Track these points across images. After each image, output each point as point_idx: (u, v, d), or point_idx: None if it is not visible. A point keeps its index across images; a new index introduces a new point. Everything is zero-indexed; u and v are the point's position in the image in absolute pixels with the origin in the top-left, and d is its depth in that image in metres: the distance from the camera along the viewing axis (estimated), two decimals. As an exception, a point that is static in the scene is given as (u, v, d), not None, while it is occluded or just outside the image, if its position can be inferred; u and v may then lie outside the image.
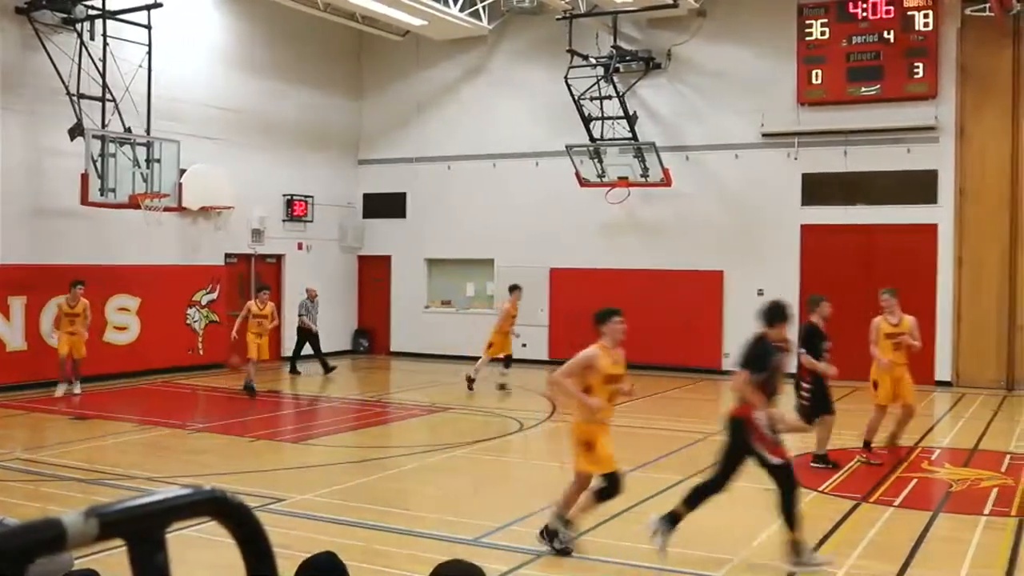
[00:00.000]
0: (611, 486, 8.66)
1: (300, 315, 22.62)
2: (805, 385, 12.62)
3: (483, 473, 12.70)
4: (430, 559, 4.64)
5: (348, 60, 27.12)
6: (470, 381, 19.61)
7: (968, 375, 21.04)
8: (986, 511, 10.44)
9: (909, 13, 21.26)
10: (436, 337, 26.05)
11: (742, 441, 8.58)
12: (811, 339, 12.68)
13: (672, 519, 8.57)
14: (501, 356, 19.90)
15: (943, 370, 21.18)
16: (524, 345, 24.75)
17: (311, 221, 25.68)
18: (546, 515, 8.99)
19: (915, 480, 11.94)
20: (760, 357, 8.66)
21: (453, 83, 26.33)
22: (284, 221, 25.07)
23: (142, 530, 1.34)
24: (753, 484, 11.73)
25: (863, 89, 21.61)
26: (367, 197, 27.41)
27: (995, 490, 11.36)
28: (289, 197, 25.05)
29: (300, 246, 25.60)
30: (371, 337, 27.17)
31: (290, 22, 24.28)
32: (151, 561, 1.33)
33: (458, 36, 24.82)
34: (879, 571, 8.29)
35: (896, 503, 10.70)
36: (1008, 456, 13.48)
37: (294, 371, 22.33)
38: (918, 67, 21.22)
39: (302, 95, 25.45)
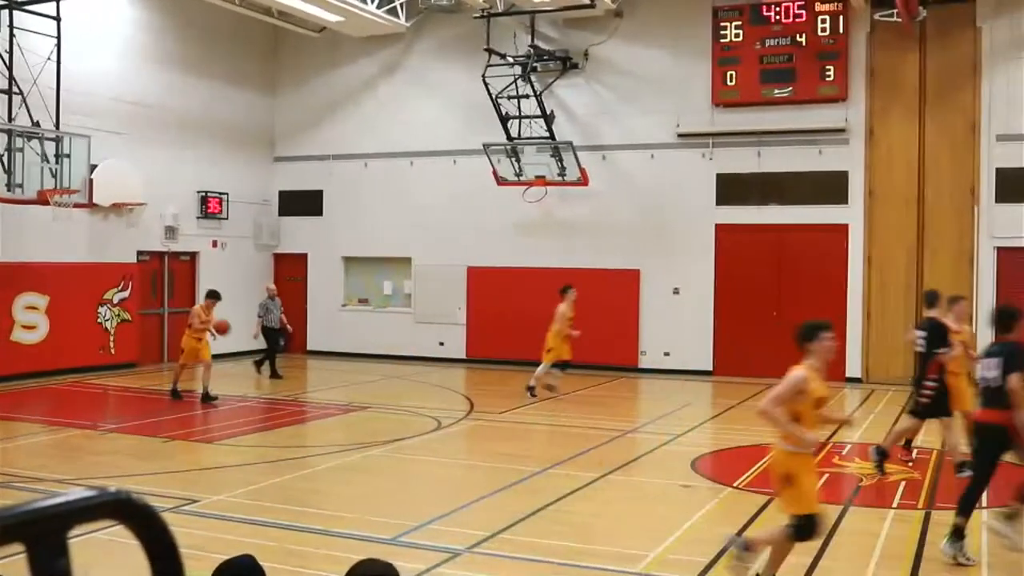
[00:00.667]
0: (807, 528, 7.47)
1: (259, 316, 21.43)
2: (930, 384, 12.05)
3: (401, 472, 12.65)
4: (347, 559, 4.60)
5: (264, 56, 26.82)
6: (531, 389, 18.54)
7: (877, 371, 21.51)
8: (894, 504, 10.69)
9: (821, 17, 21.66)
10: (353, 336, 25.91)
11: (1004, 446, 8.63)
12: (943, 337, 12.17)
13: (958, 534, 8.54)
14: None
15: (853, 367, 21.62)
16: (441, 344, 24.79)
17: (226, 218, 25.33)
18: (466, 513, 8.98)
19: (826, 475, 12.15)
20: None
21: (370, 80, 26.19)
22: (198, 218, 24.70)
23: (42, 534, 1.30)
24: (668, 480, 11.91)
25: (776, 91, 21.96)
26: (283, 194, 27.14)
27: (903, 483, 11.64)
28: (204, 194, 24.68)
29: (215, 244, 25.24)
30: (286, 337, 26.85)
31: (204, 16, 23.93)
32: (51, 566, 1.29)
33: (375, 33, 24.68)
34: (792, 563, 8.41)
35: (808, 498, 10.88)
36: (915, 450, 13.78)
37: (275, 375, 21.38)
38: (829, 70, 21.63)
39: (216, 90, 25.11)
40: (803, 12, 21.76)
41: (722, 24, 22.41)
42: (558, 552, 8.67)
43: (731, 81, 22.32)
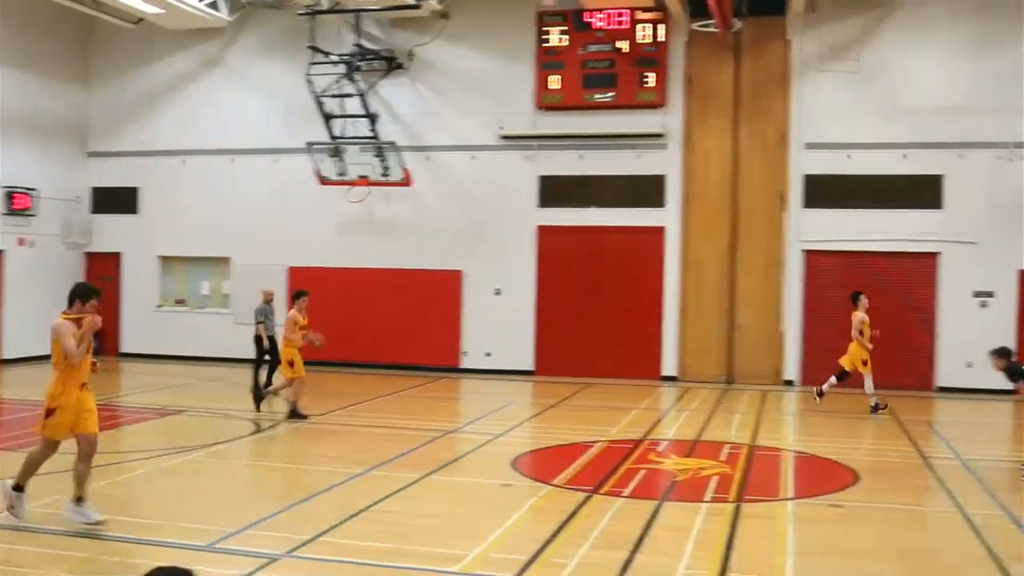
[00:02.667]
0: None
1: (258, 322, 19.02)
2: None
3: (219, 477, 12.35)
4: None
5: (75, 46, 25.75)
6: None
7: (692, 370, 22.18)
8: (707, 498, 11.03)
9: (641, 25, 22.22)
10: (169, 337, 25.16)
11: None
12: None
13: None
14: None
15: (669, 366, 22.24)
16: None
17: (34, 215, 24.22)
18: (285, 517, 8.83)
19: (643, 471, 12.46)
20: None
21: (190, 75, 25.47)
22: (4, 215, 23.54)
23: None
24: (489, 480, 11.98)
25: (597, 96, 22.41)
26: (96, 191, 26.12)
27: (715, 478, 12.01)
28: (9, 189, 23.53)
29: (22, 241, 24.10)
30: (99, 338, 25.89)
31: (12, 2, 22.83)
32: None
33: (195, 26, 24.05)
34: (608, 559, 8.60)
35: (625, 494, 11.13)
36: (727, 446, 14.29)
37: (267, 385, 18.61)
38: (648, 77, 22.20)
39: (26, 81, 23.97)
40: (624, 20, 22.28)
41: (546, 29, 22.73)
42: (378, 554, 8.62)
43: (554, 85, 22.66)
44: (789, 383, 21.74)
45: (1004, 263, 21.02)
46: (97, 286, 10.16)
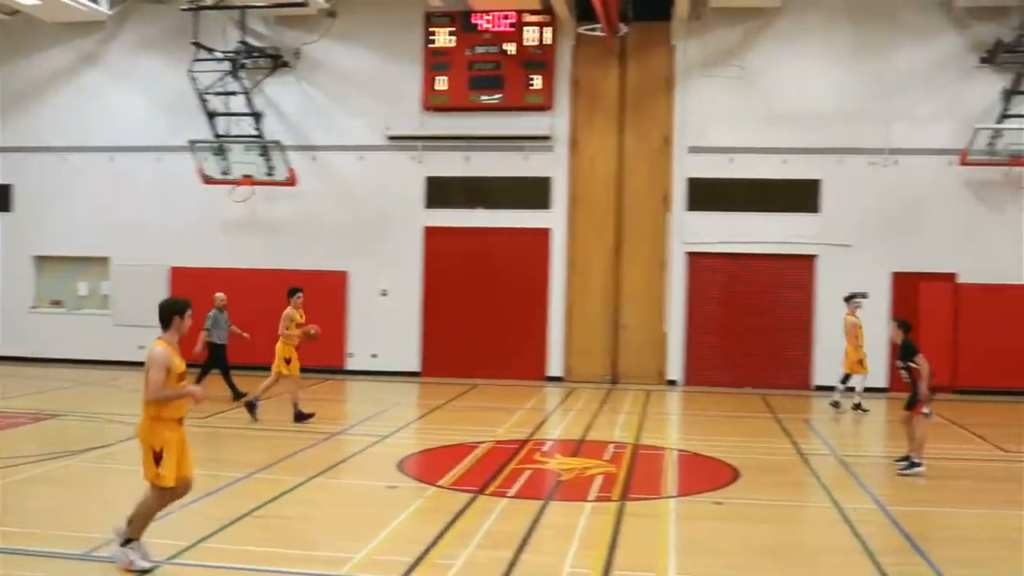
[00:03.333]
0: None
1: (206, 328, 18.45)
2: None
3: (96, 483, 12.02)
4: None
5: (-55, 38, 24.86)
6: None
7: (577, 371, 22.39)
8: (591, 497, 11.14)
9: (528, 28, 22.35)
10: (44, 340, 24.41)
11: None
12: None
13: None
14: None
15: (555, 366, 22.42)
16: (141, 347, 23.73)
17: (-101, 212, 23.32)
18: (165, 523, 8.62)
19: (528, 471, 12.53)
20: None
21: (68, 70, 24.75)
22: None
23: None
24: (374, 482, 11.92)
25: (484, 97, 22.47)
26: (-34, 188, 25.24)
27: (600, 477, 12.14)
28: None
29: None
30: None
31: None
32: None
33: (74, 20, 23.42)
34: (494, 558, 8.63)
35: (510, 494, 11.18)
36: (612, 445, 14.46)
37: (237, 394, 18.46)
38: (535, 79, 22.35)
39: None
40: (511, 22, 22.38)
41: (433, 30, 22.70)
42: (262, 559, 8.50)
43: (441, 86, 22.65)
44: (672, 383, 22.10)
45: (877, 265, 21.70)
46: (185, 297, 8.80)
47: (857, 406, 18.41)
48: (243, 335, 18.78)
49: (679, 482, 12.53)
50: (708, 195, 22.08)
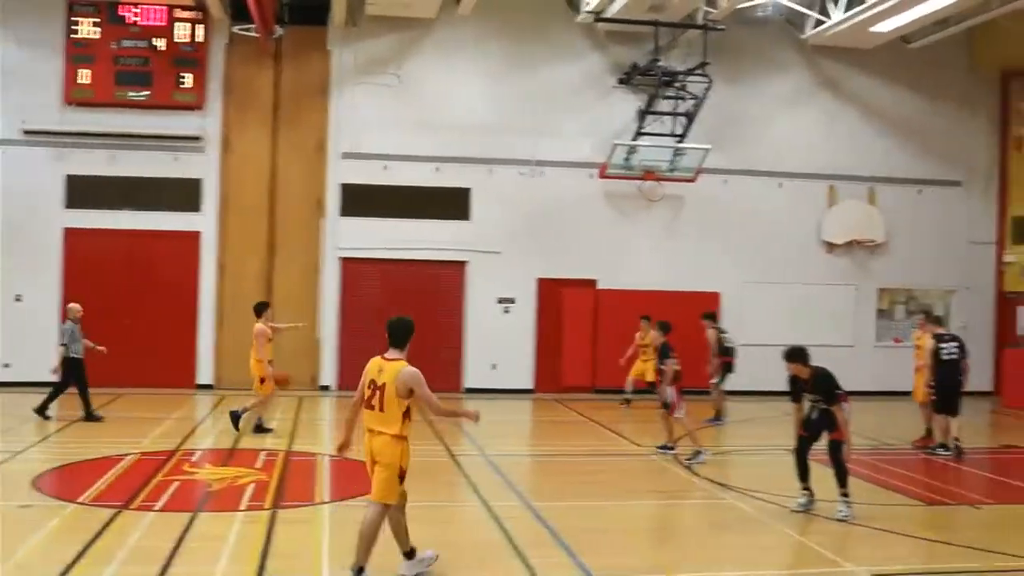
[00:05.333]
0: None
1: (63, 344, 17.17)
2: None
3: None
4: None
5: None
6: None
7: (229, 378, 21.79)
8: (243, 506, 10.92)
9: (180, 24, 21.60)
10: None
11: None
12: None
13: None
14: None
15: (205, 374, 21.79)
16: None
17: None
18: None
19: (177, 483, 12.10)
20: None
21: None
22: None
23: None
24: (4, 503, 11.10)
25: (132, 94, 21.48)
26: None
27: (252, 486, 11.93)
28: None
29: None
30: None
31: None
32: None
33: None
34: (137, 573, 8.28)
35: (157, 507, 10.76)
36: (263, 453, 14.23)
37: (91, 416, 17.18)
38: (186, 77, 21.63)
39: None
40: (162, 17, 21.55)
41: (76, 19, 21.45)
42: None
43: (85, 79, 21.43)
44: (326, 388, 22.05)
45: (525, 272, 22.67)
46: None
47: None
48: (99, 349, 17.51)
49: (332, 487, 12.53)
50: (362, 201, 22.22)
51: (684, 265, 23.29)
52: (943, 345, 15.66)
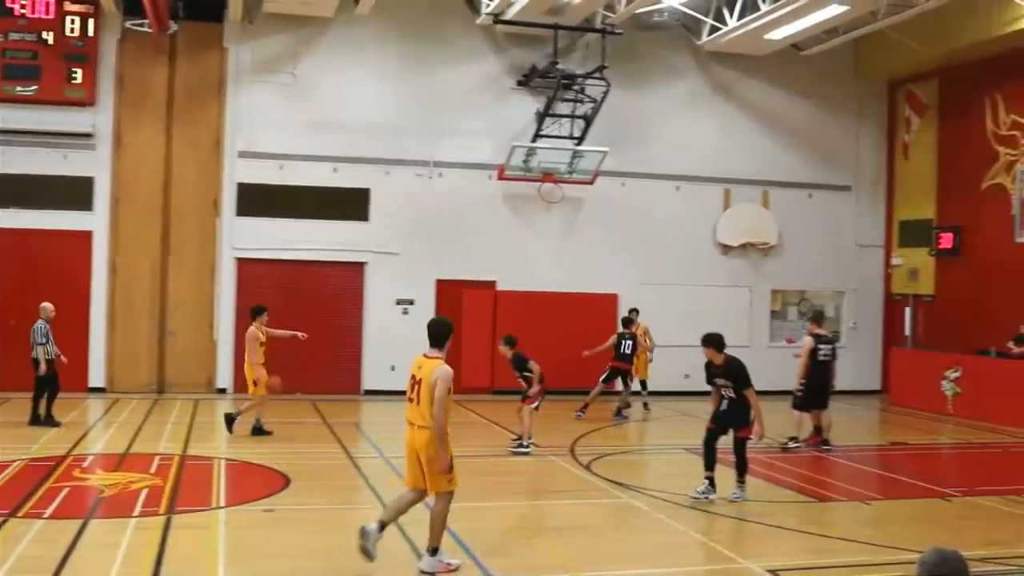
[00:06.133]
0: None
1: (39, 343, 16.87)
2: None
3: None
4: None
5: None
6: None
7: (121, 381, 21.37)
8: (136, 512, 10.70)
9: (70, 17, 21.03)
10: None
11: None
12: None
13: None
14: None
15: (96, 376, 21.27)
16: None
17: None
18: None
19: (66, 489, 11.80)
20: None
21: None
22: None
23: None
24: None
25: (19, 88, 20.85)
26: None
27: (145, 491, 11.69)
28: None
29: None
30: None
31: None
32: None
33: None
34: (27, 585, 8.07)
35: (46, 515, 10.48)
36: (158, 457, 13.96)
37: (40, 420, 16.74)
38: (76, 73, 21.07)
39: None
40: (51, 10, 20.97)
41: (-41, 11, 20.78)
42: None
43: (-32, 73, 20.77)
44: (222, 391, 21.71)
45: (423, 273, 22.64)
46: None
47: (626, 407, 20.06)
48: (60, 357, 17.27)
49: (229, 491, 12.34)
50: (259, 201, 21.93)
51: (582, 267, 23.50)
52: (821, 346, 16.32)
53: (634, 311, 20.60)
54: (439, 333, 8.89)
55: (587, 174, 22.76)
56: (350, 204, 22.41)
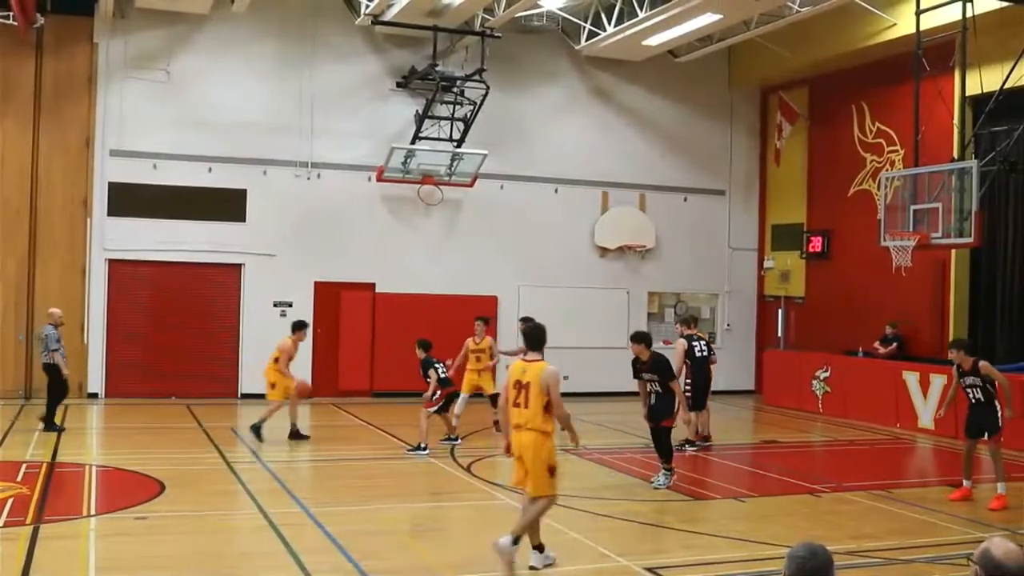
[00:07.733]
0: None
1: (52, 350, 16.87)
2: None
3: None
4: None
5: None
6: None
7: (-13, 386, 20.67)
8: (0, 523, 10.35)
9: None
10: None
11: None
12: None
13: None
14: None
15: (-41, 382, 20.52)
16: None
17: None
18: None
19: (-73, 499, 11.36)
20: None
21: None
22: None
23: None
24: None
25: None
26: None
27: (11, 500, 11.32)
28: None
29: None
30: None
31: None
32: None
33: None
34: None
35: (-95, 525, 10.08)
36: (24, 465, 13.53)
37: (52, 425, 16.61)
38: (-64, 66, 20.29)
39: None
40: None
41: None
42: None
43: None
44: (93, 396, 21.12)
45: (301, 275, 22.39)
46: None
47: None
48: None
49: (100, 499, 12.03)
50: (131, 201, 21.38)
51: (462, 269, 23.53)
52: (695, 343, 16.61)
53: (481, 320, 18.46)
54: (539, 336, 9.18)
55: (466, 176, 22.81)
56: (226, 205, 22.02)
